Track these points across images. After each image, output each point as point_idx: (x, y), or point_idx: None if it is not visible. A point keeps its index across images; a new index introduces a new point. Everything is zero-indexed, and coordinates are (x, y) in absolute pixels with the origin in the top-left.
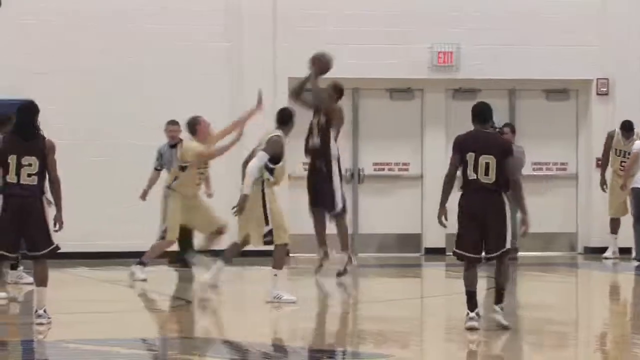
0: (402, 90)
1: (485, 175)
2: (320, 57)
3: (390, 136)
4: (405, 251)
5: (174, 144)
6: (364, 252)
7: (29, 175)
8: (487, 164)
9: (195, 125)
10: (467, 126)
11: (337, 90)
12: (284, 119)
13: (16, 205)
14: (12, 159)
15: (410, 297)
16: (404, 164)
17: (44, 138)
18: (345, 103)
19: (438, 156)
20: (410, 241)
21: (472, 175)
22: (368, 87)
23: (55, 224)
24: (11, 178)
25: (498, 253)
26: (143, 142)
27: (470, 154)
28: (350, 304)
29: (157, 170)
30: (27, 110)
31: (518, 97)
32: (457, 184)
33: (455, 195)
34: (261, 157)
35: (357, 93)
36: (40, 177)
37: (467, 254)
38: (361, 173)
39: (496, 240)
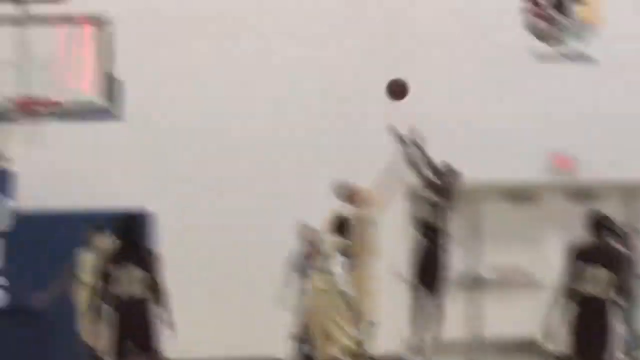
0: (519, 193)
1: (596, 287)
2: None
3: (508, 239)
4: (525, 357)
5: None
6: (482, 358)
7: (137, 286)
8: (599, 277)
9: (351, 194)
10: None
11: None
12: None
13: (124, 314)
14: (120, 270)
15: None
16: (523, 268)
17: (151, 250)
18: (462, 206)
19: (557, 261)
20: (530, 347)
21: (582, 287)
22: (485, 190)
23: (163, 328)
24: (120, 289)
25: None
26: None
27: (582, 264)
28: None
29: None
30: (138, 221)
31: None
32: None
33: None
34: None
35: (474, 195)
36: (151, 290)
37: None
38: (479, 277)
39: (599, 353)
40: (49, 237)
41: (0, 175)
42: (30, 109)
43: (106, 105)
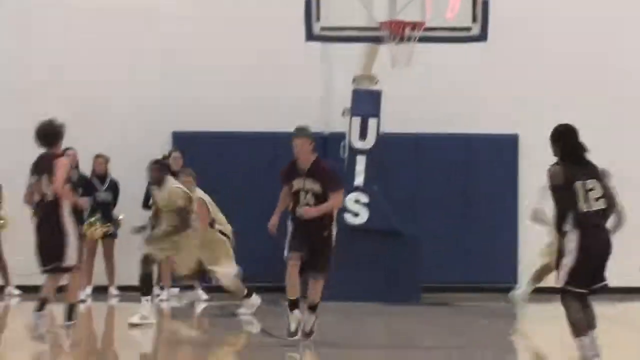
0: None
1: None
2: None
3: None
4: None
5: None
6: None
7: (597, 199)
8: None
9: None
10: None
11: None
12: None
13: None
14: (579, 186)
15: None
16: None
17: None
18: None
19: None
20: None
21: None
22: None
23: None
24: (581, 206)
25: None
26: None
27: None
28: None
29: None
30: (572, 132)
31: None
32: None
33: None
34: None
35: None
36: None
37: None
38: None
39: None
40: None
41: (371, 96)
42: (399, 31)
43: (471, 27)
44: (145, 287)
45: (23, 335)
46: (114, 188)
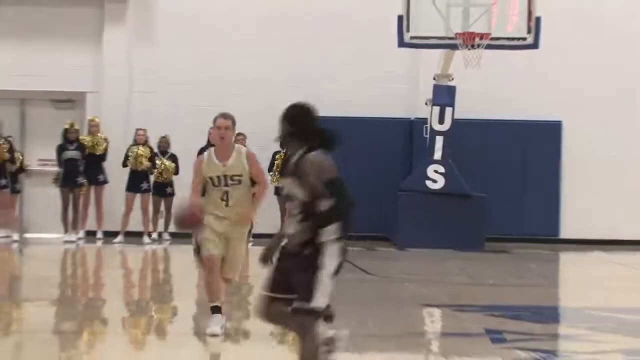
0: None
1: None
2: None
3: None
4: None
5: None
6: None
7: None
8: None
9: None
10: None
11: None
12: None
13: None
14: None
15: None
16: None
17: None
18: None
19: None
20: None
21: None
22: None
23: None
24: None
25: None
26: None
27: None
28: None
29: None
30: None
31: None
32: None
33: None
34: None
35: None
36: None
37: None
38: None
39: None
40: (481, 140)
41: (448, 90)
42: (470, 40)
43: (526, 37)
44: None
45: None
46: None
